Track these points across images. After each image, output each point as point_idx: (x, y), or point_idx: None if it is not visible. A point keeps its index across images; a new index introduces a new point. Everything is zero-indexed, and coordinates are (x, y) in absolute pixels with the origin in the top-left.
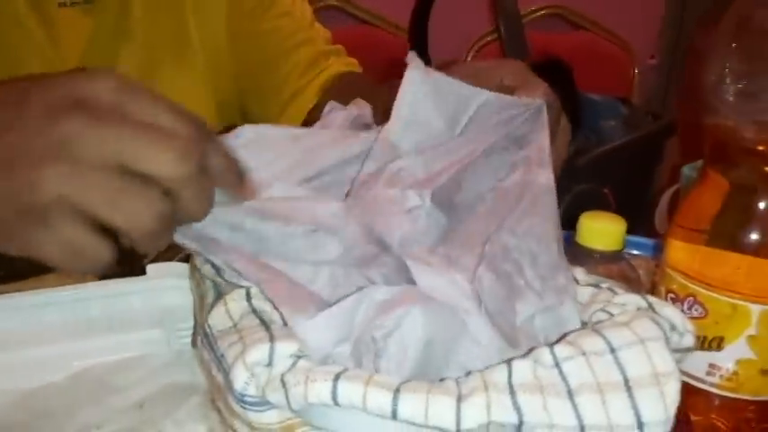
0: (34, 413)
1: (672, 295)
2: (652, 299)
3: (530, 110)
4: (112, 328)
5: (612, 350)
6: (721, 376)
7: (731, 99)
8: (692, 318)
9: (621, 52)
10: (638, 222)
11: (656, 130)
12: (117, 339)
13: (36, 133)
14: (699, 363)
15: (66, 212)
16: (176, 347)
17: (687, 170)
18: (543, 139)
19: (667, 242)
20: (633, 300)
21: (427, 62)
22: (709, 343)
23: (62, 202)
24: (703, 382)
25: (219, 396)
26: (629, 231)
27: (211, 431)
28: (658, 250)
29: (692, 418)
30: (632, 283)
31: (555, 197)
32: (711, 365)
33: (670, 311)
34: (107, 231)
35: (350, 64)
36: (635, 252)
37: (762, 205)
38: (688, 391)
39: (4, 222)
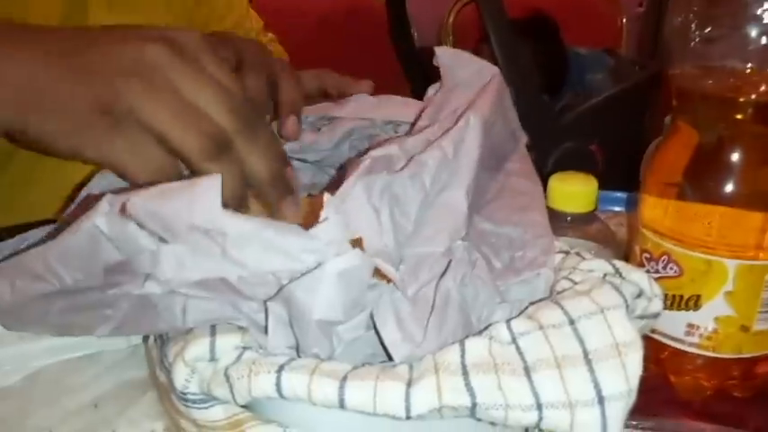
0: None
1: (646, 254)
2: (619, 263)
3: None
4: None
5: (571, 321)
6: (701, 335)
7: (696, 45)
8: (668, 277)
9: (608, 1)
10: (629, 176)
11: (641, 80)
12: (73, 338)
13: (122, 51)
14: (677, 323)
15: (135, 124)
16: (135, 342)
17: (669, 120)
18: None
19: (640, 199)
20: (599, 265)
21: (407, 28)
22: (686, 302)
23: (133, 114)
24: (682, 342)
25: (165, 395)
26: (620, 186)
27: (168, 429)
28: (633, 204)
29: (674, 379)
30: (609, 244)
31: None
32: (690, 325)
33: (637, 276)
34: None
35: (278, 53)
36: (615, 209)
37: (732, 155)
38: (669, 353)
39: (82, 123)
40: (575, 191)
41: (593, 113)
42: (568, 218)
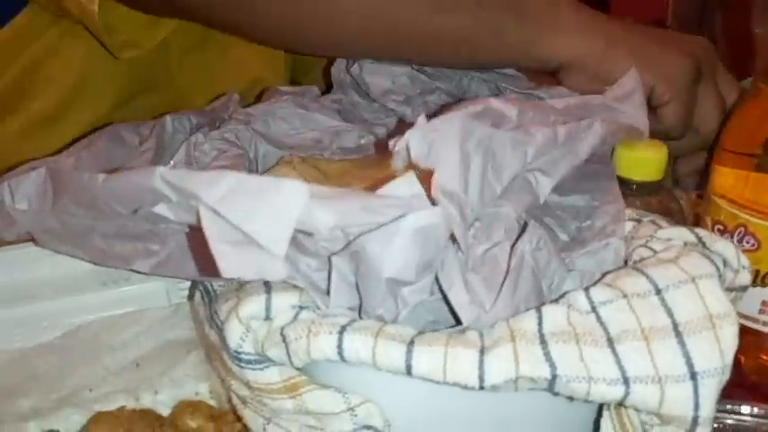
0: (24, 375)
1: (719, 226)
2: (701, 231)
3: None
4: (107, 282)
5: (658, 291)
6: None
7: None
8: (744, 250)
9: None
10: None
11: None
12: (112, 294)
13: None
14: (751, 300)
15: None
16: (176, 300)
17: (749, 84)
18: None
19: (713, 168)
20: (679, 233)
21: None
22: (762, 278)
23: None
24: (756, 321)
25: (215, 355)
26: None
27: (213, 390)
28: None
29: (744, 360)
30: (675, 216)
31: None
32: (765, 303)
33: (722, 245)
34: None
35: None
36: None
37: None
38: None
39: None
40: (643, 157)
41: None
42: (634, 186)
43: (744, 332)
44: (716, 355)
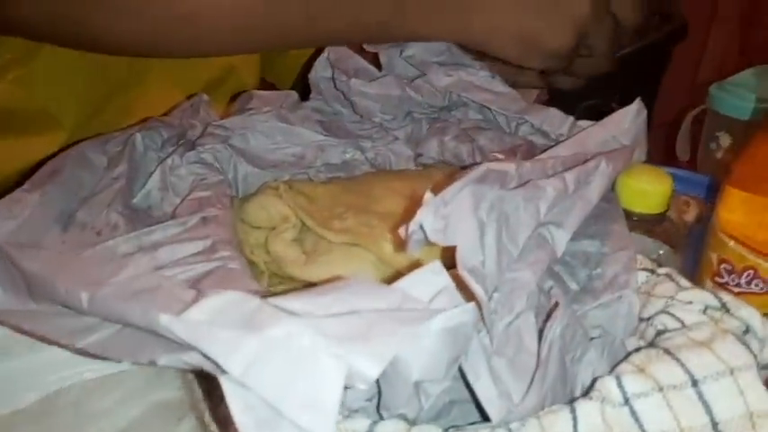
0: None
1: (726, 266)
2: (726, 297)
3: None
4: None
5: (695, 382)
6: None
7: None
8: (752, 293)
9: None
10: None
11: (666, 35)
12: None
13: None
14: None
15: None
16: None
17: (715, 90)
18: None
19: (720, 203)
20: (702, 297)
21: None
22: None
23: None
24: None
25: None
26: None
27: None
28: (712, 191)
29: None
30: (677, 247)
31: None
32: None
33: (747, 313)
34: None
35: None
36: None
37: None
38: None
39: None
40: (647, 189)
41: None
42: (635, 218)
43: None
44: None
